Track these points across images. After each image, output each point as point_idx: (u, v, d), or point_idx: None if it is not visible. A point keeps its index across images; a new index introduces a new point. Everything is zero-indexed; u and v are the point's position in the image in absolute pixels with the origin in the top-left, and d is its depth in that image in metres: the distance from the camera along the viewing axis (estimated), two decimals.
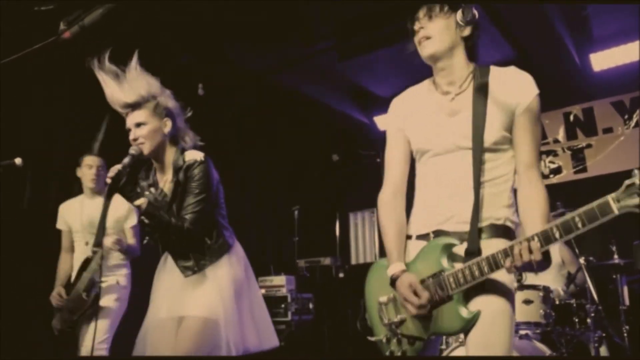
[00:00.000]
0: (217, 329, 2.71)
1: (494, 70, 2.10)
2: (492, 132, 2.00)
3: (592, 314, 4.23)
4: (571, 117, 6.69)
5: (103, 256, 4.03)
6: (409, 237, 2.19)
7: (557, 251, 5.16)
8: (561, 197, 4.78)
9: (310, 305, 6.82)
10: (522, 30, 5.70)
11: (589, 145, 6.50)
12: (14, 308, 4.98)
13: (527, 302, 4.20)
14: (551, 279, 4.88)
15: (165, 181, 2.94)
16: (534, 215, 1.96)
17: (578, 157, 6.56)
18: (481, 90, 2.04)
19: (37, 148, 5.10)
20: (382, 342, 2.18)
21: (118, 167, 2.67)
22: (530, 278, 4.62)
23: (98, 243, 3.83)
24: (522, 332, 4.20)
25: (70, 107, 5.40)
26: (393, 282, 2.08)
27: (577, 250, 4.47)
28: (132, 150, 2.80)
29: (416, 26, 2.14)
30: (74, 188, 4.61)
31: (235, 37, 5.45)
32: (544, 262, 1.80)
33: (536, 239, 1.78)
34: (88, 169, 4.29)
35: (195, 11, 4.85)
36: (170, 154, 2.93)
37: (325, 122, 7.82)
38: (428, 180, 2.16)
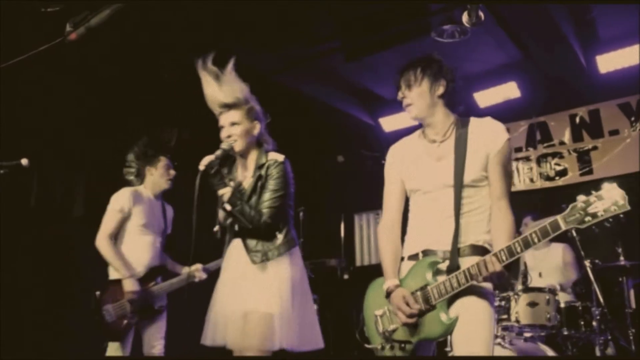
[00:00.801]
0: (274, 324, 2.90)
1: (473, 121, 2.52)
2: (471, 172, 2.41)
3: (598, 317, 4.22)
4: (577, 119, 6.66)
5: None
6: (402, 259, 2.59)
7: (559, 254, 5.16)
8: (567, 199, 4.75)
9: (315, 307, 6.81)
10: (527, 31, 5.69)
11: (595, 147, 6.47)
12: (26, 304, 5.02)
13: (532, 304, 4.20)
14: (556, 282, 4.87)
15: (245, 177, 3.19)
16: (501, 236, 2.35)
17: (584, 159, 6.53)
18: (461, 139, 2.47)
19: (43, 148, 5.12)
20: (378, 349, 2.55)
21: (210, 157, 2.95)
22: (535, 281, 4.61)
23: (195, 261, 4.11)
24: (527, 334, 4.19)
25: (76, 107, 5.42)
26: (388, 294, 2.47)
27: (582, 253, 4.44)
28: (225, 145, 3.06)
29: (399, 96, 2.57)
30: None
31: (240, 37, 5.46)
32: (503, 276, 2.23)
33: (502, 253, 2.20)
34: (165, 169, 4.33)
35: (200, 12, 4.85)
36: (254, 153, 3.21)
37: (331, 123, 7.82)
38: (418, 212, 2.57)
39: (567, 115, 6.73)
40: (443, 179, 2.45)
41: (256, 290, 2.96)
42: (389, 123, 7.48)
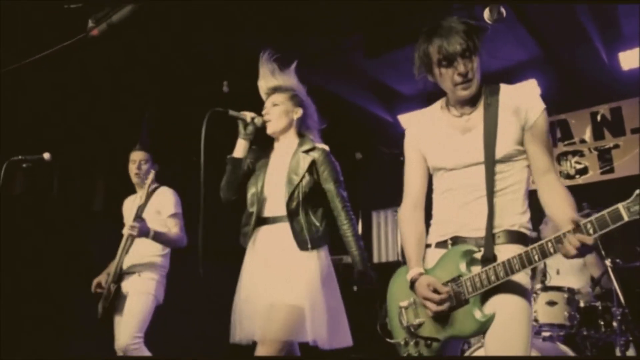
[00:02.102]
0: (304, 316, 2.83)
1: (504, 88, 2.23)
2: (504, 146, 2.14)
3: (619, 317, 4.17)
4: (598, 117, 6.59)
5: (128, 244, 4.02)
6: (428, 245, 2.34)
7: None
8: (587, 198, 4.71)
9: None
10: (548, 28, 5.63)
11: (616, 146, 6.40)
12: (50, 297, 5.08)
13: (551, 303, 4.16)
14: (575, 280, 4.82)
15: (281, 162, 3.15)
16: (558, 210, 2.07)
17: (605, 157, 6.46)
18: (492, 108, 2.18)
19: (64, 143, 5.17)
20: (401, 345, 2.30)
21: (252, 114, 3.11)
22: (554, 279, 4.57)
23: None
24: (546, 333, 4.16)
25: (97, 102, 5.47)
26: (412, 284, 2.21)
27: (603, 252, 4.40)
28: (257, 120, 3.12)
29: (462, 69, 2.14)
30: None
31: (260, 32, 5.47)
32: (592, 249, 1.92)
33: (589, 225, 1.88)
34: (132, 164, 4.27)
35: (220, 8, 4.87)
36: (291, 139, 3.22)
37: (349, 120, 7.81)
38: (444, 193, 2.29)
39: (588, 112, 6.66)
40: (471, 154, 2.18)
41: (287, 281, 2.89)
42: (407, 120, 7.45)
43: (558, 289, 4.23)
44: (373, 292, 3.02)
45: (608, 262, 4.29)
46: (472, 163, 2.18)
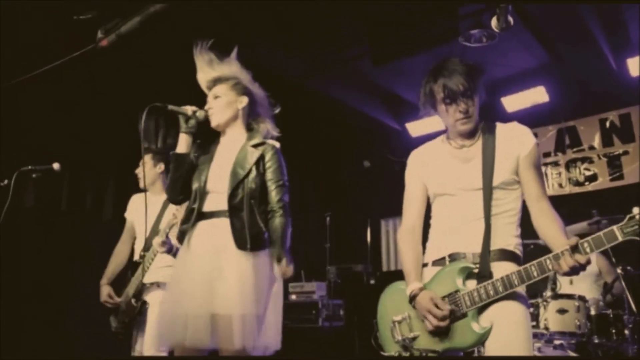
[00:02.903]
0: (252, 325, 2.70)
1: (500, 126, 2.45)
2: (501, 174, 2.32)
3: (630, 325, 4.13)
4: (607, 124, 6.56)
5: (152, 259, 3.96)
6: (425, 265, 2.46)
7: (593, 260, 5.05)
8: (597, 205, 4.69)
9: (341, 312, 6.80)
10: (556, 34, 5.63)
11: (625, 152, 6.37)
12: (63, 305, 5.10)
13: (562, 311, 4.13)
14: (587, 288, 4.79)
15: (227, 156, 2.96)
16: (554, 233, 2.21)
17: (614, 164, 6.43)
18: (488, 141, 2.40)
19: (74, 153, 5.20)
20: (394, 357, 2.42)
21: (193, 108, 2.93)
22: (565, 287, 4.54)
23: (147, 247, 3.84)
24: (557, 342, 4.13)
25: (107, 112, 5.50)
26: (412, 298, 2.32)
27: (614, 260, 4.37)
28: (199, 113, 2.94)
29: (463, 108, 2.37)
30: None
31: (267, 41, 5.49)
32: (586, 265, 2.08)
33: (585, 244, 2.05)
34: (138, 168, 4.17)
35: (226, 16, 4.89)
36: (237, 131, 3.05)
37: (357, 128, 7.82)
38: (443, 216, 2.45)
39: (597, 119, 6.63)
40: (471, 181, 2.36)
41: (231, 287, 2.68)
42: (415, 128, 7.46)
43: (569, 296, 4.21)
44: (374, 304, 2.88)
45: (619, 269, 4.27)
46: (472, 189, 2.35)
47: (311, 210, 8.03)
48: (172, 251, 3.76)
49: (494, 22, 4.53)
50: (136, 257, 4.02)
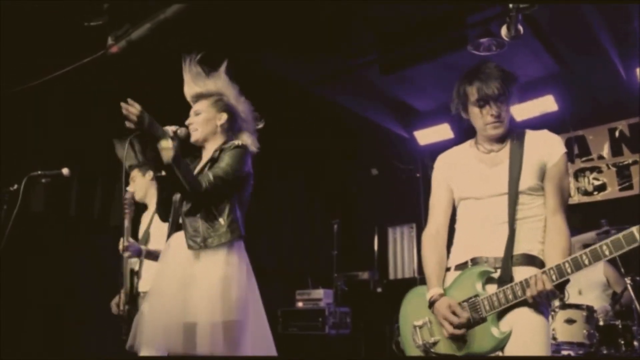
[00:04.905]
0: (194, 331, 2.66)
1: (529, 133, 2.46)
2: (527, 180, 2.32)
3: (639, 336, 4.11)
4: (616, 133, 6.54)
5: (139, 264, 3.99)
6: (448, 269, 2.45)
7: (601, 270, 5.03)
8: (606, 214, 4.66)
9: (348, 320, 6.80)
10: (565, 43, 5.61)
11: (635, 162, 6.34)
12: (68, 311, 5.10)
13: (570, 321, 4.11)
14: (595, 298, 4.76)
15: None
16: (554, 253, 2.22)
17: (624, 173, 6.40)
18: (516, 147, 2.40)
19: (83, 158, 5.23)
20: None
21: (173, 128, 2.80)
22: (573, 297, 4.52)
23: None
24: (565, 352, 4.10)
25: (116, 117, 5.52)
26: (432, 304, 2.33)
27: (622, 270, 4.34)
28: (180, 131, 2.85)
29: (495, 111, 2.39)
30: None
31: (278, 49, 5.51)
32: (553, 295, 2.13)
33: (551, 272, 2.09)
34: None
35: (235, 23, 4.92)
36: (218, 146, 3.02)
37: (365, 135, 7.82)
38: (468, 220, 2.45)
39: (606, 128, 6.61)
40: (497, 185, 2.36)
41: (199, 294, 2.68)
42: (423, 136, 7.45)
43: (577, 306, 4.18)
44: (389, 309, 2.85)
45: (628, 279, 4.24)
46: (497, 194, 2.34)
47: (318, 218, 8.04)
48: (140, 254, 3.77)
49: (503, 30, 4.51)
50: (132, 266, 4.05)
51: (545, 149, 2.36)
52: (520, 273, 2.20)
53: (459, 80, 2.49)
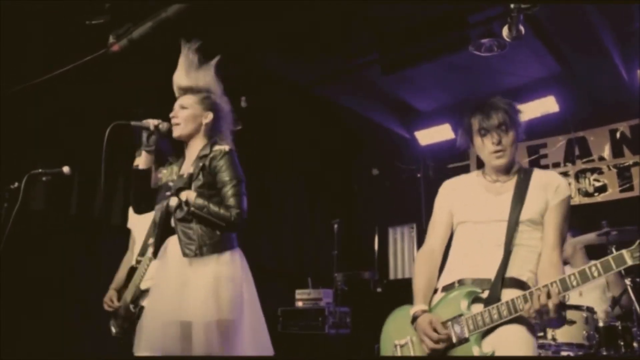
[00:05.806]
0: (220, 333, 2.68)
1: (537, 170, 2.50)
2: (529, 211, 2.34)
3: (639, 338, 4.10)
4: (617, 134, 6.53)
5: (148, 264, 3.98)
6: (435, 291, 2.46)
7: None
8: (606, 216, 4.66)
9: (348, 319, 6.79)
10: (567, 43, 5.61)
11: (636, 163, 6.33)
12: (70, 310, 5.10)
13: (570, 322, 4.10)
14: (596, 299, 4.76)
15: (186, 169, 3.00)
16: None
17: (624, 175, 6.39)
18: (524, 180, 2.43)
19: (83, 156, 5.22)
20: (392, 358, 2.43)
21: (155, 122, 2.91)
22: (574, 298, 4.51)
23: (142, 252, 3.85)
24: (564, 353, 4.10)
25: (117, 116, 5.52)
26: (414, 319, 2.33)
27: (622, 271, 4.33)
28: (162, 126, 2.92)
29: (493, 137, 2.41)
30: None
31: (279, 49, 5.51)
32: (560, 318, 2.11)
33: (554, 285, 2.08)
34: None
35: (237, 22, 4.91)
36: (198, 144, 3.02)
37: (366, 135, 7.82)
38: (463, 241, 2.47)
39: (607, 130, 6.60)
40: (498, 212, 2.38)
41: (193, 294, 2.69)
42: (424, 136, 7.44)
43: (577, 307, 4.18)
44: (389, 309, 2.84)
45: (628, 281, 4.23)
46: (497, 219, 2.36)
47: (319, 217, 8.03)
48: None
49: (505, 31, 4.51)
50: (133, 263, 4.04)
51: (551, 187, 2.40)
52: (509, 295, 2.19)
53: (464, 113, 2.54)
